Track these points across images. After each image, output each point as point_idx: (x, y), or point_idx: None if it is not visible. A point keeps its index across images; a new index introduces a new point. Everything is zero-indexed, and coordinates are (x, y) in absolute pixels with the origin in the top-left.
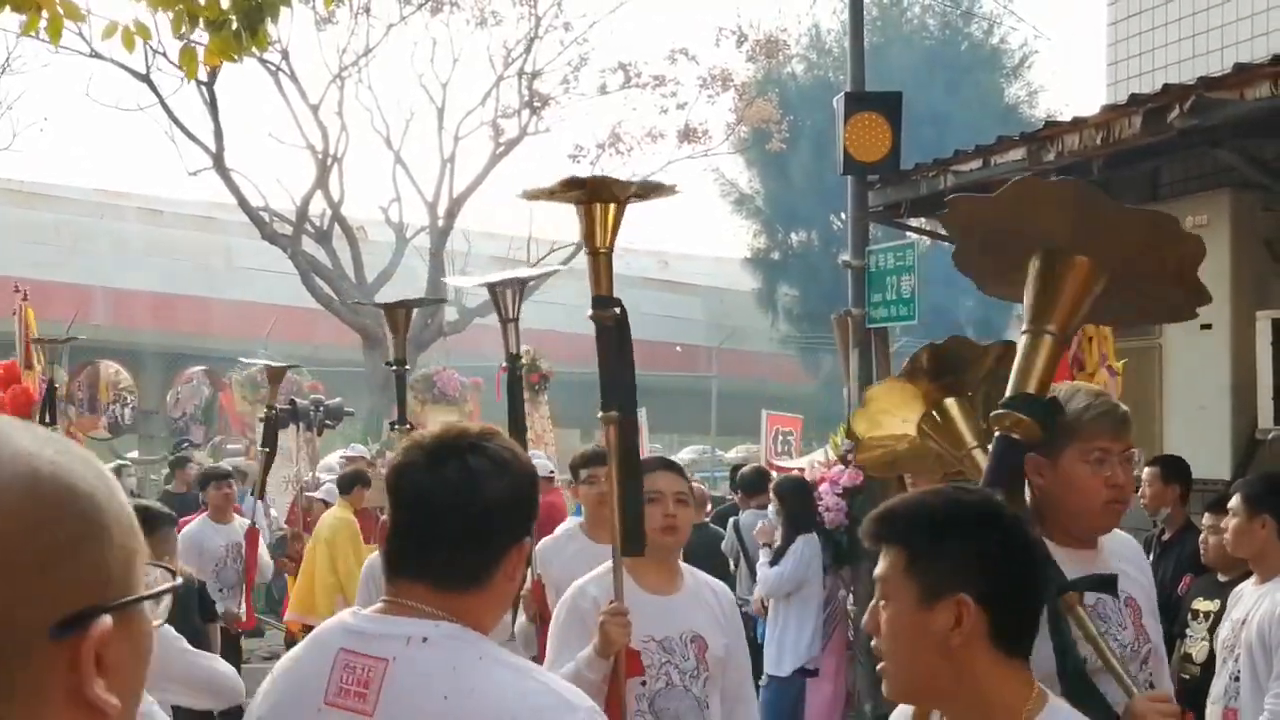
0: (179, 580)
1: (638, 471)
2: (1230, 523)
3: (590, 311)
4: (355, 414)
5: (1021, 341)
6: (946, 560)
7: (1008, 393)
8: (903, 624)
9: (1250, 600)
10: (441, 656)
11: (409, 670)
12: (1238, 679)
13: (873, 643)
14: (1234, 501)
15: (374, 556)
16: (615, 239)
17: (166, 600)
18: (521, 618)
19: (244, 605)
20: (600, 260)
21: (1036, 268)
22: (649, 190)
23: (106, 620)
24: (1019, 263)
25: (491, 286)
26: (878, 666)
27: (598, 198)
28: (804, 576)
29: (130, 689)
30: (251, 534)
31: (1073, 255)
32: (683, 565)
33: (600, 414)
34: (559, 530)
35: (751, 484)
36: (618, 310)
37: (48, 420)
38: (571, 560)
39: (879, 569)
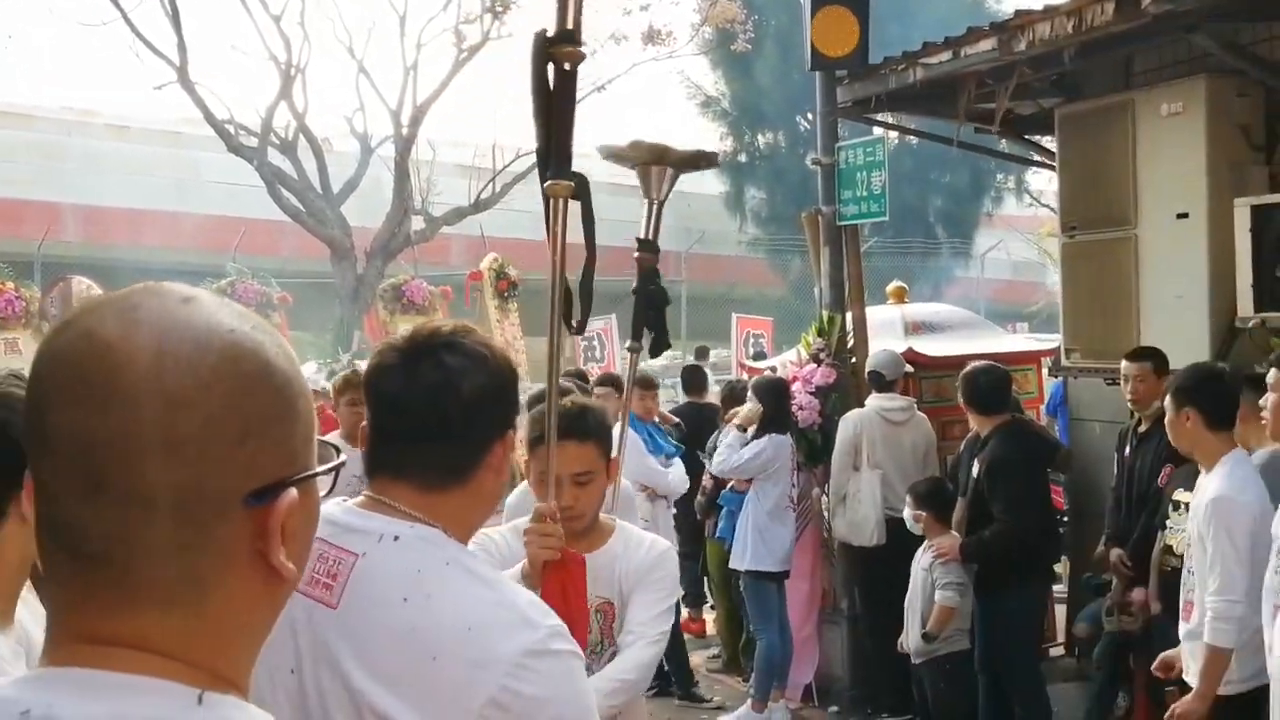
0: (344, 458)
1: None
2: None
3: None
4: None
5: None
6: None
7: None
8: None
9: (1198, 491)
10: (409, 558)
11: (375, 568)
12: (1193, 572)
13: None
14: (1166, 399)
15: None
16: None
17: (330, 476)
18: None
19: None
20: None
21: None
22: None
23: (293, 493)
24: None
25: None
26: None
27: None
28: (755, 474)
29: (302, 557)
30: None
31: None
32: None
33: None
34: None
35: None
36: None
37: None
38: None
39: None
